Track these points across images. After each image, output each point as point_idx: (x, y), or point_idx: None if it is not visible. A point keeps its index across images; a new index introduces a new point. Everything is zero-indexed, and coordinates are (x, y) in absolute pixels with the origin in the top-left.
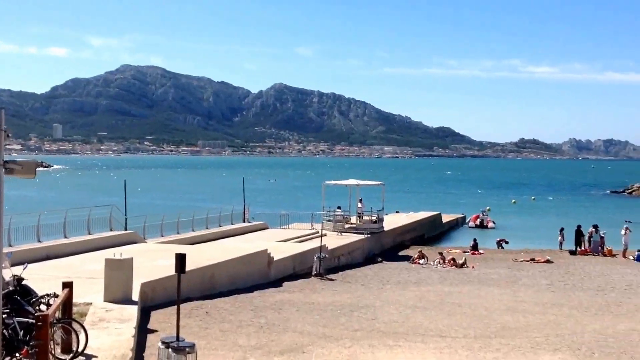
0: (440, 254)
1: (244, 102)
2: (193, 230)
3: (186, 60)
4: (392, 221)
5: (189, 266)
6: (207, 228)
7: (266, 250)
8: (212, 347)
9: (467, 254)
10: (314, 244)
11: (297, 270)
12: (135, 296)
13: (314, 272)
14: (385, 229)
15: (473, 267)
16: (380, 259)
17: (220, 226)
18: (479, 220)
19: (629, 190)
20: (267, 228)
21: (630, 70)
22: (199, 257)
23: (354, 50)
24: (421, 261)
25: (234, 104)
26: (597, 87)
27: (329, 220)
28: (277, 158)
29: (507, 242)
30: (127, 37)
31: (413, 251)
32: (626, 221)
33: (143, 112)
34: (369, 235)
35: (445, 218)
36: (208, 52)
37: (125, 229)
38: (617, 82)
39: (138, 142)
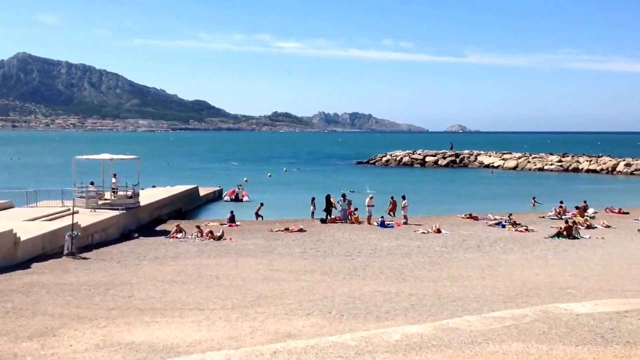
0: (198, 227)
1: None
2: None
3: None
4: (149, 196)
5: None
6: None
7: (12, 230)
8: None
9: (224, 226)
10: (66, 221)
11: (47, 250)
12: None
13: (65, 252)
14: (142, 203)
15: (231, 239)
16: (136, 235)
17: None
18: (234, 194)
19: (372, 161)
20: (12, 207)
21: (370, 48)
22: None
23: (100, 19)
24: (179, 235)
25: None
26: (342, 63)
27: (81, 197)
28: (22, 132)
29: (261, 215)
30: None
31: (170, 226)
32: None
33: None
34: (124, 211)
35: (203, 191)
36: None
37: None
38: (360, 59)
39: None
